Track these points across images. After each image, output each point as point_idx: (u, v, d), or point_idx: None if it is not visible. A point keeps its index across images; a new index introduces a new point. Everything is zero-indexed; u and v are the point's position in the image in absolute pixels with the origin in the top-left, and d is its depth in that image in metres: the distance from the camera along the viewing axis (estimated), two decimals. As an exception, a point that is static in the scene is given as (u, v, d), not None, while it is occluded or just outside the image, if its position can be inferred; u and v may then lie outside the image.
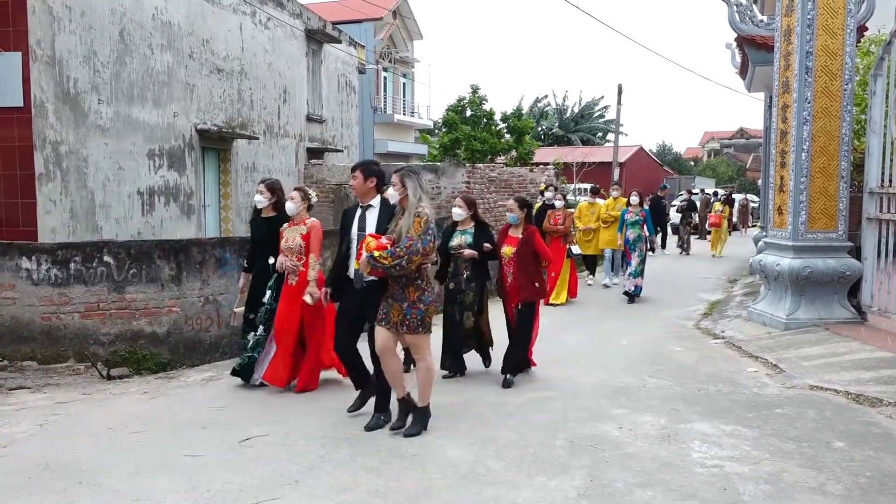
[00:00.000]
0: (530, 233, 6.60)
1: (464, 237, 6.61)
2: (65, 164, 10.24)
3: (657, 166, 51.98)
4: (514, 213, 6.62)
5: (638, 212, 11.54)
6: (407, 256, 4.78)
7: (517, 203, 6.64)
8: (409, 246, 4.80)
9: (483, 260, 6.62)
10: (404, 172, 5.07)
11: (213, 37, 13.85)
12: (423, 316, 4.95)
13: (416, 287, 4.96)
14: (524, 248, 6.52)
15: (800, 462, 4.49)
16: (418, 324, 4.94)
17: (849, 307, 8.32)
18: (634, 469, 4.41)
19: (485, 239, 6.62)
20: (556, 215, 11.38)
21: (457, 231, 6.68)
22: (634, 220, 11.45)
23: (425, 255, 4.89)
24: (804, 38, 8.19)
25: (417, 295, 4.95)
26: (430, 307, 5.01)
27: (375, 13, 27.30)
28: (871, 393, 5.84)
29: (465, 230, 6.65)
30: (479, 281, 6.66)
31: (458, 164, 12.97)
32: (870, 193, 8.29)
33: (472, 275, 6.59)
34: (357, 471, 4.44)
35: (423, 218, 4.90)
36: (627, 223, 11.48)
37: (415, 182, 5.01)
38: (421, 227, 4.86)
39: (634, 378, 6.64)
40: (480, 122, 24.76)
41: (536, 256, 6.58)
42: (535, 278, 6.55)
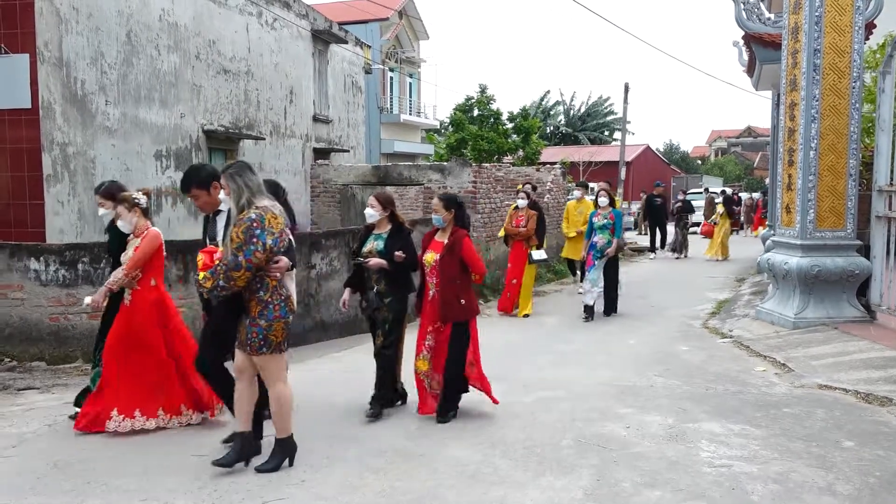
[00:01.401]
0: (458, 237, 5.49)
1: (375, 243, 5.62)
2: (72, 165, 10.28)
3: (664, 165, 51.86)
4: (440, 214, 5.55)
5: (607, 214, 9.93)
6: (224, 275, 4.16)
7: (442, 202, 5.58)
8: (227, 263, 4.18)
9: (400, 271, 5.55)
10: (228, 171, 4.37)
11: (219, 38, 13.88)
12: (266, 334, 4.28)
13: (258, 301, 4.30)
14: (449, 255, 5.45)
15: (808, 462, 4.47)
16: (260, 343, 4.29)
17: (858, 306, 8.27)
18: (642, 469, 4.39)
19: (399, 245, 5.51)
20: (519, 216, 10.39)
21: (371, 235, 5.71)
22: (603, 225, 9.87)
23: (252, 268, 4.18)
24: (812, 35, 8.14)
25: (259, 310, 4.30)
26: (275, 324, 4.30)
27: (381, 13, 27.31)
28: (881, 392, 5.80)
29: (379, 234, 5.66)
30: (395, 296, 5.57)
31: (464, 164, 12.94)
32: (879, 191, 8.24)
33: (387, 289, 5.54)
34: (364, 471, 4.44)
35: (243, 225, 4.17)
36: (595, 227, 9.93)
37: (239, 182, 4.28)
38: (241, 237, 4.15)
39: (642, 377, 6.62)
40: (488, 121, 24.75)
41: (464, 267, 5.51)
42: (462, 293, 5.47)
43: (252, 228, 4.16)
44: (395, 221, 5.67)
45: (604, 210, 10.01)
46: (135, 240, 5.29)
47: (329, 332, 8.88)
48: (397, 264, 5.48)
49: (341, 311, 9.02)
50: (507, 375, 6.74)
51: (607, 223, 9.90)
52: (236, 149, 14.75)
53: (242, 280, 4.19)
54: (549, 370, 6.97)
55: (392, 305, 5.57)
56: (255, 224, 4.17)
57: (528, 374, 6.83)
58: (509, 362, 7.32)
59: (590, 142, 48.33)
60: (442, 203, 5.58)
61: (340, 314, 9.07)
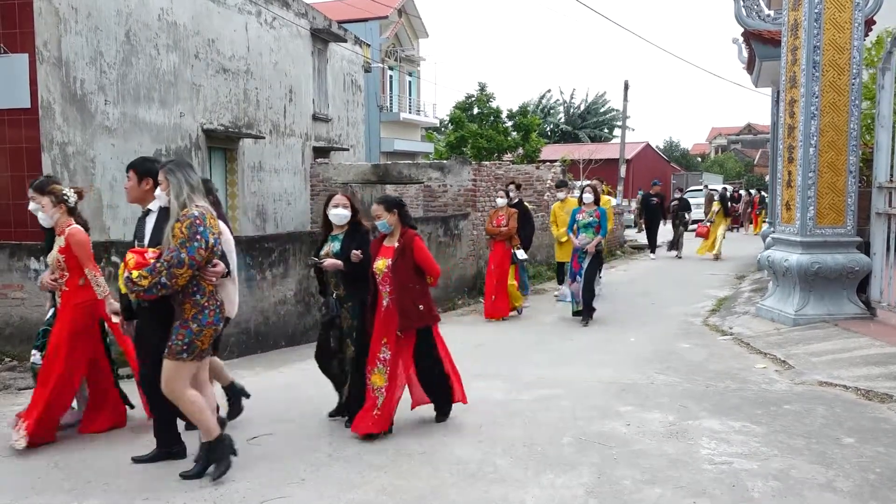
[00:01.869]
0: (408, 239, 5.13)
1: (332, 245, 5.29)
2: (72, 164, 10.28)
3: (664, 163, 51.89)
4: (383, 219, 5.16)
5: (592, 212, 9.37)
6: (167, 272, 3.96)
7: (382, 205, 5.18)
8: (170, 259, 3.97)
9: (358, 273, 5.18)
10: (167, 167, 4.24)
11: (218, 37, 13.87)
12: (192, 339, 4.09)
13: (193, 303, 4.13)
14: (401, 259, 5.07)
15: (809, 458, 4.47)
16: (183, 347, 4.08)
17: (858, 303, 8.27)
18: (643, 466, 4.40)
19: (355, 245, 5.18)
20: (500, 215, 10.02)
21: (329, 237, 5.39)
22: (588, 223, 9.34)
23: (195, 266, 4.02)
24: (811, 32, 8.13)
25: (194, 313, 4.12)
26: (206, 330, 4.13)
27: (381, 12, 27.29)
28: (881, 389, 5.80)
29: (335, 235, 5.34)
30: (356, 299, 5.24)
31: (464, 162, 12.94)
32: (879, 188, 8.24)
33: (346, 292, 5.25)
34: (364, 469, 4.44)
35: (186, 221, 4.02)
36: (579, 225, 9.39)
37: (179, 177, 4.15)
38: (185, 233, 3.99)
39: (642, 375, 6.62)
40: (487, 119, 24.75)
41: (419, 271, 5.16)
42: (420, 299, 5.12)
43: (196, 225, 4.03)
44: (355, 220, 5.34)
45: (588, 208, 9.46)
46: (59, 238, 4.98)
47: (329, 331, 8.87)
48: (354, 266, 5.12)
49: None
50: (507, 374, 6.76)
51: (592, 221, 9.37)
52: (236, 148, 14.75)
53: (184, 278, 4.02)
54: (549, 368, 6.97)
55: (354, 310, 5.26)
56: (199, 221, 4.05)
57: (528, 372, 6.83)
58: (509, 361, 7.33)
59: (589, 139, 48.35)
60: (382, 206, 5.19)
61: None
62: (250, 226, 15.09)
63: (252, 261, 8.04)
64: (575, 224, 9.46)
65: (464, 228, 11.93)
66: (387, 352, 5.09)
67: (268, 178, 15.89)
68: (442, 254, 11.02)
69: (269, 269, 8.24)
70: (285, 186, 16.64)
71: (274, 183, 16.15)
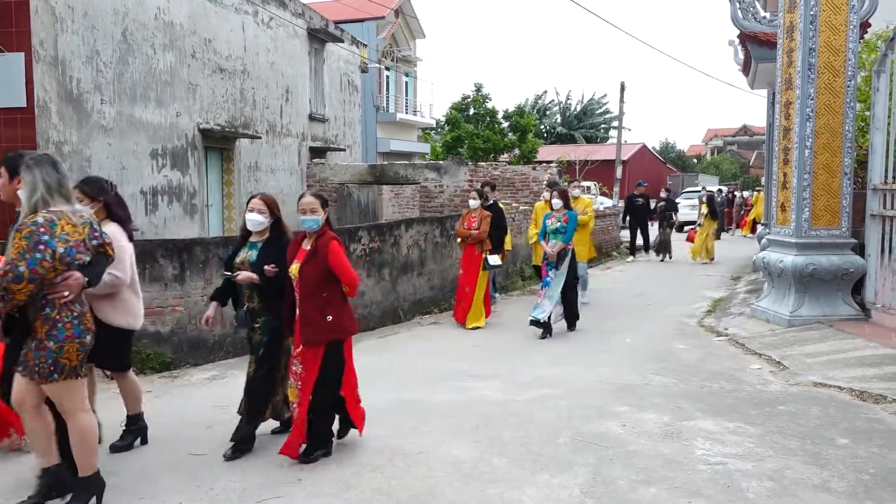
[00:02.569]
0: (323, 241, 4.57)
1: (249, 252, 4.81)
2: (68, 164, 10.25)
3: (661, 164, 52.00)
4: (316, 215, 4.60)
5: (561, 217, 8.72)
6: (3, 287, 3.45)
7: (319, 199, 4.68)
8: (5, 273, 3.46)
9: (275, 286, 4.66)
10: (25, 163, 3.73)
11: (215, 36, 13.87)
12: (56, 357, 3.63)
13: (44, 319, 3.64)
14: (311, 263, 4.52)
15: (803, 459, 4.49)
16: (49, 369, 3.64)
17: (852, 304, 8.31)
18: (638, 466, 4.41)
19: (273, 256, 4.68)
20: (472, 217, 9.39)
21: (247, 244, 4.89)
22: (556, 228, 8.71)
23: (37, 279, 3.50)
24: (807, 34, 8.17)
25: (46, 330, 3.64)
26: (67, 345, 3.66)
27: (377, 12, 27.30)
28: (875, 390, 5.83)
29: (254, 242, 4.85)
30: (271, 315, 4.72)
31: (460, 163, 12.96)
32: (873, 190, 8.27)
33: (261, 306, 4.75)
34: (360, 469, 4.45)
35: (26, 229, 3.52)
36: (549, 231, 8.79)
37: (35, 175, 3.65)
38: (25, 243, 3.48)
39: (638, 376, 6.64)
40: (484, 120, 24.78)
41: (333, 277, 4.55)
42: (329, 309, 4.53)
43: (37, 234, 3.51)
44: (277, 227, 4.85)
45: (558, 212, 8.81)
46: None
47: (325, 331, 8.88)
48: (271, 279, 4.64)
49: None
50: (503, 374, 6.77)
51: (561, 227, 8.69)
52: (232, 148, 14.75)
53: (24, 294, 3.50)
54: (546, 368, 6.99)
55: (267, 326, 4.74)
56: (42, 229, 3.53)
57: (524, 372, 6.84)
58: (505, 361, 7.34)
59: (585, 140, 48.42)
60: (319, 201, 4.64)
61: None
62: (246, 226, 15.07)
63: (248, 261, 8.02)
64: (545, 229, 8.92)
65: (460, 229, 11.93)
66: (299, 365, 4.61)
67: (264, 178, 15.89)
68: (438, 254, 11.04)
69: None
70: (282, 186, 16.64)
71: (270, 183, 16.15)
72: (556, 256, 8.57)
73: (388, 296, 9.96)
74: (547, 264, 8.72)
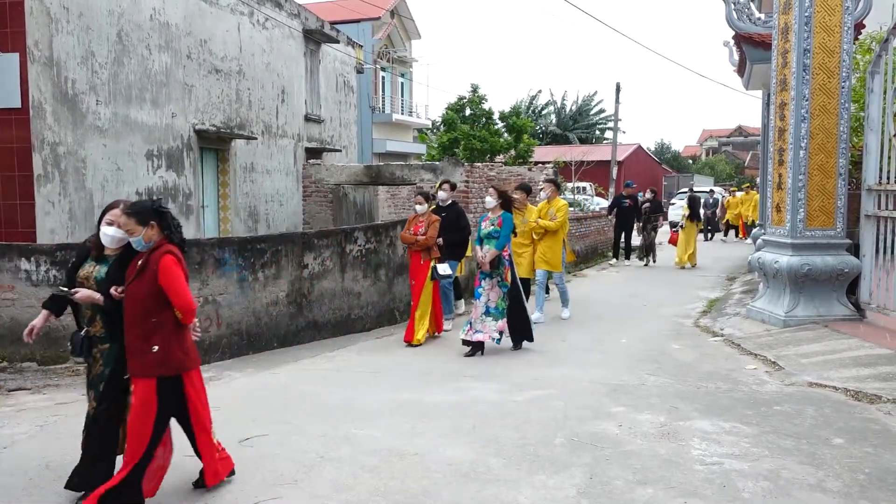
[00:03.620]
0: (154, 256, 3.88)
1: (97, 267, 4.15)
2: (63, 165, 10.24)
3: (656, 165, 52.08)
4: (137, 235, 3.90)
5: (495, 219, 7.72)
6: None
7: (133, 218, 3.90)
8: None
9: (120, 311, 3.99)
10: None
11: (210, 37, 13.85)
12: None
13: None
14: (138, 281, 3.87)
15: (799, 459, 4.50)
16: None
17: (847, 304, 8.33)
18: (634, 467, 4.42)
19: (122, 276, 4.00)
20: (419, 222, 8.44)
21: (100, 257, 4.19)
22: (489, 233, 7.69)
23: None
24: (802, 35, 8.19)
25: None
26: None
27: (373, 13, 27.32)
28: (870, 390, 5.85)
29: (106, 258, 4.17)
30: (117, 342, 4.05)
31: (456, 163, 12.94)
32: (868, 191, 8.30)
33: (105, 332, 4.10)
34: (357, 470, 4.45)
35: None
36: (481, 235, 7.76)
37: None
38: None
39: (634, 376, 6.65)
40: (479, 121, 24.79)
41: (164, 299, 3.88)
42: (155, 337, 3.87)
43: None
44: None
45: (492, 214, 7.80)
46: None
47: (322, 332, 8.88)
48: (117, 303, 3.97)
49: (333, 311, 9.05)
50: (500, 374, 6.78)
51: (494, 231, 7.66)
52: (228, 148, 14.72)
53: None
54: (542, 369, 6.99)
55: (109, 356, 4.08)
56: None
57: (520, 372, 6.85)
58: (501, 362, 7.34)
59: (580, 141, 48.45)
60: (133, 219, 3.88)
61: (333, 313, 9.08)
62: (242, 226, 15.07)
63: (244, 262, 8.03)
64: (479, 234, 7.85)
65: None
66: None
67: (260, 179, 15.87)
68: (434, 255, 11.02)
69: (261, 270, 8.23)
70: (277, 187, 16.62)
71: (266, 184, 16.13)
72: (488, 265, 7.54)
73: (384, 297, 9.96)
74: (480, 273, 7.72)
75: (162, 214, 3.97)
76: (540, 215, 9.59)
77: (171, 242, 3.99)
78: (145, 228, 3.90)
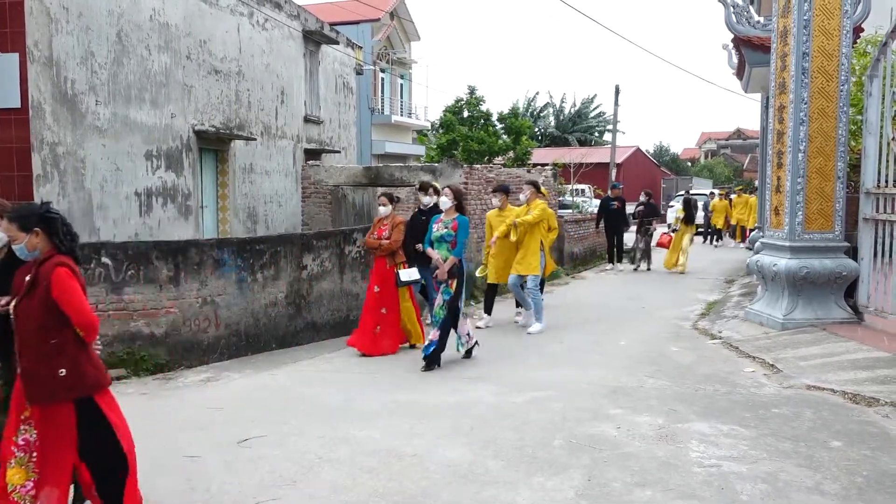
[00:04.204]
0: (46, 270, 3.42)
1: None
2: (62, 165, 10.24)
3: (655, 167, 52.16)
4: (19, 242, 3.46)
5: (449, 222, 7.14)
6: None
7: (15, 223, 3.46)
8: None
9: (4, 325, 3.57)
10: None
11: (210, 38, 13.86)
12: None
13: None
14: (29, 298, 3.43)
15: (797, 461, 4.51)
16: None
17: (845, 307, 8.34)
18: (633, 469, 4.42)
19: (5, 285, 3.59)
20: (383, 225, 7.97)
21: None
22: (441, 236, 7.16)
23: None
24: (800, 39, 8.21)
25: None
26: None
27: (373, 14, 27.31)
28: (868, 392, 5.86)
29: None
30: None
31: (455, 165, 12.96)
32: (866, 194, 8.32)
33: None
34: (356, 471, 4.45)
35: None
36: (433, 239, 7.26)
37: None
38: None
39: (633, 378, 6.66)
40: (478, 122, 24.80)
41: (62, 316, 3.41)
42: (60, 359, 3.43)
43: None
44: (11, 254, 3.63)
45: (446, 216, 7.21)
46: None
47: (321, 333, 8.88)
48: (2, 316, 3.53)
49: (332, 312, 9.06)
50: (498, 376, 6.78)
51: (447, 234, 7.09)
52: (227, 149, 14.73)
53: None
54: (540, 370, 7.00)
55: None
56: None
57: (519, 374, 6.86)
58: (499, 363, 7.35)
59: (578, 143, 48.51)
60: (15, 224, 3.46)
61: (332, 315, 9.08)
62: (241, 227, 15.07)
63: (243, 262, 8.03)
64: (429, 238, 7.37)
65: (455, 231, 11.93)
66: (30, 432, 3.48)
67: (259, 180, 15.88)
68: (433, 256, 11.02)
69: (260, 271, 8.23)
70: (276, 188, 16.63)
71: (265, 184, 16.14)
72: (447, 274, 6.98)
73: (383, 298, 9.94)
74: (436, 281, 7.18)
75: (49, 221, 3.47)
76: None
77: (61, 253, 3.48)
78: (28, 235, 3.43)
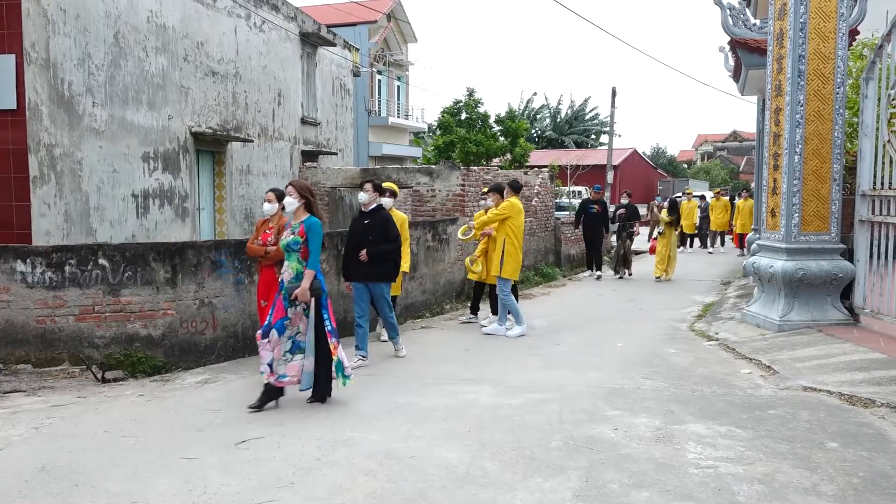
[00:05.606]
0: None
1: None
2: (59, 166, 10.22)
3: (651, 169, 52.25)
4: None
5: (297, 227, 5.91)
6: None
7: None
8: None
9: None
10: None
11: (207, 40, 13.85)
12: None
13: None
14: None
15: (793, 463, 4.52)
16: None
17: (842, 309, 8.37)
18: (630, 470, 4.43)
19: None
20: (268, 229, 6.97)
21: None
22: (288, 244, 5.88)
23: None
24: (797, 41, 8.24)
25: None
26: None
27: (370, 16, 27.33)
28: (864, 394, 5.88)
29: None
30: None
31: (452, 167, 12.97)
32: (862, 196, 8.35)
33: None
34: (353, 473, 4.45)
35: None
36: (281, 247, 5.99)
37: None
38: None
39: (630, 380, 6.67)
40: (475, 124, 24.83)
41: None
42: None
43: None
44: None
45: (294, 220, 6.03)
46: None
47: (317, 335, 8.86)
48: None
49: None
50: (496, 378, 6.79)
51: (294, 242, 5.84)
52: (224, 151, 14.72)
53: None
54: (538, 372, 7.01)
55: None
56: None
57: (516, 376, 6.86)
58: (497, 365, 7.36)
59: (576, 145, 48.58)
60: None
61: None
62: (238, 229, 15.06)
63: (240, 264, 8.02)
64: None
65: (452, 233, 11.96)
66: None
67: (256, 182, 15.87)
68: (430, 258, 11.05)
69: (256, 273, 8.21)
70: (273, 190, 16.59)
71: (262, 186, 16.10)
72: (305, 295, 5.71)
73: (380, 300, 9.94)
74: (283, 300, 5.80)
75: None
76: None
77: None
78: None
